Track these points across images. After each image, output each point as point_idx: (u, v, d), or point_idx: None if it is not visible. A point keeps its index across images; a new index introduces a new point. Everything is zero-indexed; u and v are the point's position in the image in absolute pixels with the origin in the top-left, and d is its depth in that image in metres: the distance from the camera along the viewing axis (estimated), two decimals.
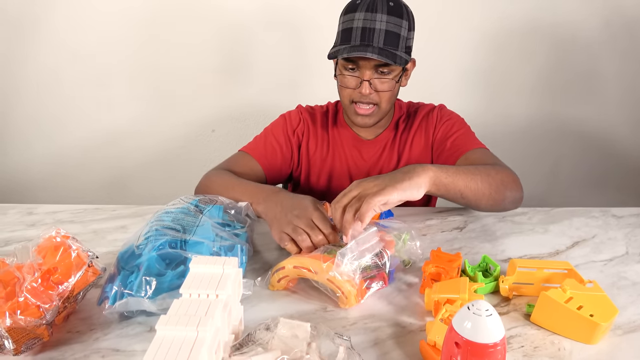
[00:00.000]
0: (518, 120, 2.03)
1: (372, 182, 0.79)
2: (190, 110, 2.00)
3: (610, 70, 1.95)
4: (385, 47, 1.01)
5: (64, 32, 1.87)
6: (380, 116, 1.12)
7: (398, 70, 1.06)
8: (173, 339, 0.49)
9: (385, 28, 1.00)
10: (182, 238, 0.76)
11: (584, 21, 1.88)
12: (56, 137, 2.01)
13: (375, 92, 1.06)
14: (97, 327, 0.69)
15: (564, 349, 0.66)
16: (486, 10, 1.87)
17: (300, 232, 0.81)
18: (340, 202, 0.78)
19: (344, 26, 1.05)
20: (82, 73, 1.92)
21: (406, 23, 1.03)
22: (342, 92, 1.11)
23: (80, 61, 1.90)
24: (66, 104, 1.97)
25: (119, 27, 1.87)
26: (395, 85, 1.08)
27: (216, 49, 1.91)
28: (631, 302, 0.76)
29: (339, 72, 1.09)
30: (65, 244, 0.69)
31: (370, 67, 1.04)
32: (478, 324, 0.48)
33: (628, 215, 1.11)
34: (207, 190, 1.04)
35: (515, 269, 0.78)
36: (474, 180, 0.89)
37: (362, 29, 1.01)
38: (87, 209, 1.10)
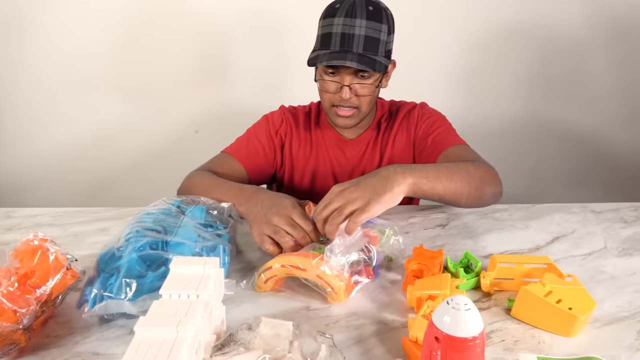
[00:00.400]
0: (501, 119, 2.06)
1: (354, 192, 0.78)
2: (173, 111, 1.99)
3: (593, 70, 1.99)
4: (365, 52, 1.00)
5: (48, 35, 1.84)
6: (361, 117, 1.13)
7: (378, 74, 1.06)
8: (152, 340, 0.48)
9: (364, 34, 1.00)
10: (163, 239, 0.76)
11: (566, 22, 1.91)
12: (38, 139, 1.99)
13: (355, 96, 1.06)
14: (77, 331, 0.68)
15: (544, 342, 0.67)
16: (470, 10, 1.89)
17: (281, 232, 0.81)
18: (322, 214, 0.78)
19: (323, 30, 1.04)
20: (65, 75, 1.89)
21: (385, 27, 1.03)
22: (323, 96, 1.11)
23: (63, 64, 1.88)
24: (48, 107, 1.94)
25: (103, 29, 1.85)
26: (375, 89, 1.08)
27: (198, 51, 1.90)
28: (609, 295, 0.78)
29: (319, 77, 1.09)
30: (43, 247, 0.68)
31: (350, 73, 1.04)
32: (457, 318, 0.48)
33: (606, 211, 1.13)
34: (189, 191, 1.04)
35: (496, 265, 0.79)
36: (453, 181, 0.89)
37: (342, 35, 1.00)
38: (67, 211, 1.08)
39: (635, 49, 1.96)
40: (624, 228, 1.04)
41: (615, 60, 1.98)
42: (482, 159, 1.05)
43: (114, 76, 1.92)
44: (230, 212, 0.93)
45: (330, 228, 0.77)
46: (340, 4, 1.02)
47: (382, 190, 0.78)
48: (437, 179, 0.87)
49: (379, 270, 0.83)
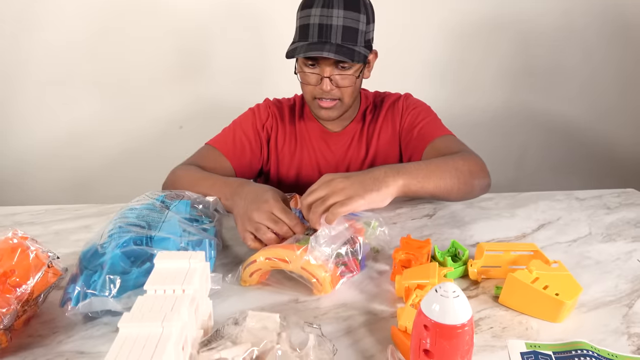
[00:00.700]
0: (485, 111, 2.07)
1: (341, 183, 0.78)
2: (156, 107, 1.97)
3: (573, 60, 2.01)
4: (343, 43, 0.99)
5: (22, 30, 1.80)
6: (344, 109, 1.12)
7: (359, 65, 1.05)
8: (137, 336, 0.47)
9: (342, 24, 0.99)
10: (147, 234, 0.74)
11: (546, 14, 1.93)
12: (17, 137, 1.94)
13: (336, 87, 1.05)
14: (61, 329, 0.67)
15: (532, 328, 0.67)
16: (453, 2, 1.89)
17: (263, 229, 0.80)
18: (306, 200, 0.79)
19: (301, 22, 1.03)
20: (42, 72, 1.86)
21: (364, 17, 1.01)
22: (304, 89, 1.10)
23: (40, 60, 1.84)
24: (28, 104, 1.90)
25: (79, 25, 1.82)
26: (356, 80, 1.07)
27: (177, 46, 1.88)
28: (594, 280, 0.79)
29: (299, 69, 1.08)
30: (23, 245, 0.66)
31: (330, 64, 1.03)
32: (446, 305, 0.48)
33: (590, 197, 1.14)
34: (174, 186, 1.02)
35: (483, 253, 0.79)
36: (442, 178, 0.90)
37: (319, 26, 0.99)
38: (49, 209, 1.06)
39: (613, 41, 1.99)
40: (608, 214, 1.05)
41: (594, 50, 2.00)
42: (469, 149, 1.05)
43: (91, 72, 1.88)
44: (215, 206, 0.92)
45: (312, 216, 0.77)
46: None
47: (369, 188, 0.79)
48: (427, 178, 0.87)
49: (366, 262, 0.83)
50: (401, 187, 0.83)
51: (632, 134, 2.13)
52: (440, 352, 0.49)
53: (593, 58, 2.01)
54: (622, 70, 2.03)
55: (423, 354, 0.50)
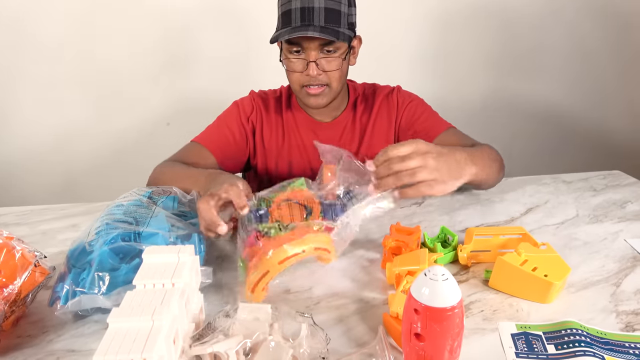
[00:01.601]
0: (471, 98, 2.08)
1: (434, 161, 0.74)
2: (142, 106, 1.94)
3: (562, 47, 2.02)
4: (327, 25, 0.99)
5: (8, 32, 1.77)
6: (333, 96, 1.11)
7: (344, 47, 1.05)
8: (127, 331, 0.47)
9: (324, 6, 0.99)
10: (135, 230, 0.73)
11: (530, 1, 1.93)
12: (1, 138, 1.91)
13: (323, 72, 1.05)
14: (50, 329, 0.66)
15: (522, 310, 0.68)
16: None
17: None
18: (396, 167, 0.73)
19: (282, 9, 1.02)
20: (24, 72, 1.82)
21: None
22: (291, 77, 1.09)
23: (26, 61, 1.81)
24: (11, 104, 1.87)
25: (66, 25, 1.79)
26: (342, 63, 1.07)
27: (163, 44, 1.86)
28: (582, 260, 0.79)
29: (284, 57, 1.07)
30: (9, 245, 0.65)
31: (314, 48, 1.02)
32: (435, 289, 0.48)
33: (577, 180, 1.15)
34: (156, 182, 1.01)
35: (472, 238, 0.80)
36: (490, 168, 0.93)
37: (301, 9, 0.99)
38: (34, 209, 1.05)
39: (601, 27, 2.00)
40: (594, 196, 1.06)
41: (577, 34, 2.01)
42: (477, 141, 1.07)
43: (78, 73, 1.85)
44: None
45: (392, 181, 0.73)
46: None
47: (454, 175, 0.77)
48: (485, 167, 0.89)
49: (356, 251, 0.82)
50: (472, 176, 0.82)
51: (621, 119, 2.16)
52: (431, 336, 0.49)
53: (582, 44, 2.02)
54: (612, 56, 2.05)
55: (414, 337, 0.51)
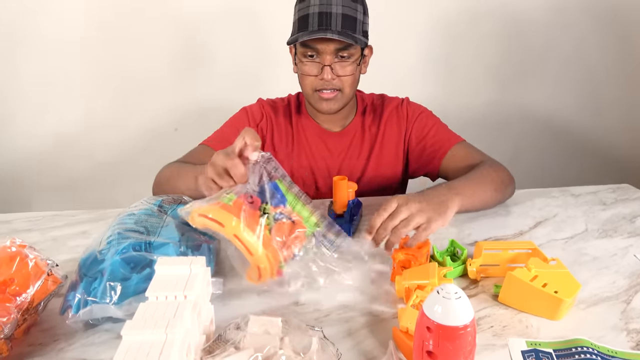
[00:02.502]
0: (477, 106, 2.08)
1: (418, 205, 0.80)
2: (150, 110, 1.96)
3: (567, 56, 2.02)
4: (343, 30, 1.01)
5: (17, 32, 1.79)
6: (344, 102, 1.12)
7: (357, 54, 1.07)
8: (140, 344, 0.47)
9: (341, 12, 1.01)
10: (146, 240, 0.74)
11: (540, 7, 1.93)
12: (8, 137, 1.93)
13: (337, 77, 1.06)
14: (61, 337, 0.67)
15: (532, 326, 0.67)
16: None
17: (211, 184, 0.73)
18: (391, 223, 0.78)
19: (300, 14, 1.04)
20: (37, 72, 1.84)
21: (361, 7, 1.05)
22: (304, 82, 1.10)
23: (35, 60, 1.82)
24: (19, 106, 1.88)
25: (77, 26, 1.81)
26: (356, 68, 1.08)
27: (173, 48, 1.87)
28: (592, 276, 0.79)
29: (298, 61, 1.08)
30: (22, 253, 0.66)
31: (330, 52, 1.04)
32: (448, 307, 0.48)
33: (585, 194, 1.15)
34: (159, 182, 1.03)
35: (482, 252, 0.80)
36: (485, 192, 1.00)
37: (319, 14, 1.01)
38: (45, 216, 1.06)
39: (608, 37, 2.00)
40: (603, 210, 1.06)
41: (588, 48, 2.01)
42: (487, 156, 1.10)
43: (89, 76, 1.87)
44: None
45: (393, 239, 0.78)
46: None
47: (443, 211, 0.82)
48: (474, 195, 0.96)
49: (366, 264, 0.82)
50: (458, 207, 0.87)
51: (627, 130, 2.15)
52: (444, 354, 0.49)
53: (588, 54, 2.02)
54: (618, 66, 2.04)
55: (426, 355, 0.51)
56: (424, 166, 1.18)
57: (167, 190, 1.00)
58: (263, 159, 0.72)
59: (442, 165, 1.14)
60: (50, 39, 1.81)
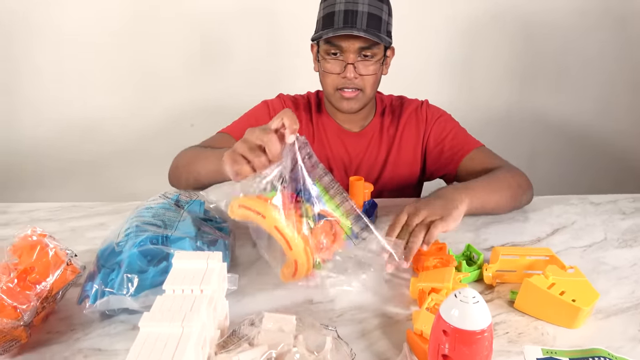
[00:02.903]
0: (494, 109, 2.06)
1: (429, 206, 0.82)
2: (167, 105, 1.98)
3: (583, 57, 1.99)
4: (368, 29, 1.01)
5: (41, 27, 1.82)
6: (365, 102, 1.11)
7: (381, 54, 1.07)
8: (157, 336, 0.48)
9: (367, 10, 1.01)
10: (163, 234, 0.75)
11: (558, 10, 1.91)
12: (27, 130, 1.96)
13: (359, 76, 1.06)
14: (78, 327, 0.68)
15: (548, 334, 0.67)
16: (462, 1, 1.88)
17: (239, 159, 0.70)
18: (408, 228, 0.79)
19: (325, 11, 1.04)
20: (60, 67, 1.88)
21: (386, 7, 1.05)
22: (325, 80, 1.10)
23: (58, 55, 1.86)
24: (39, 99, 1.92)
25: (96, 22, 1.83)
26: (378, 69, 1.08)
27: (191, 44, 1.89)
28: (611, 286, 0.78)
29: (321, 58, 1.08)
30: (42, 242, 0.67)
31: (354, 51, 1.03)
32: (465, 311, 0.48)
33: (605, 202, 1.13)
34: (177, 166, 1.03)
35: (498, 257, 0.79)
36: (498, 196, 0.99)
37: (345, 12, 1.01)
38: (64, 206, 1.07)
39: (631, 38, 1.96)
40: (623, 219, 1.04)
41: (607, 49, 1.98)
42: (505, 161, 1.10)
43: (107, 71, 1.90)
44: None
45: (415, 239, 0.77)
46: None
47: (452, 207, 0.83)
48: (486, 198, 0.95)
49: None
50: (467, 205, 0.87)
51: None
52: (460, 358, 0.49)
53: (607, 58, 1.98)
54: (638, 71, 2.01)
55: (442, 358, 0.50)
56: (441, 169, 1.17)
57: (184, 173, 1.01)
58: (299, 142, 0.70)
59: (460, 169, 1.13)
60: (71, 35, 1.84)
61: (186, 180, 1.02)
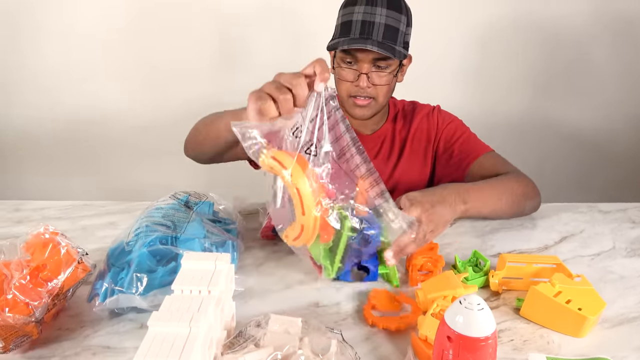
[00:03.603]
0: (505, 116, 2.05)
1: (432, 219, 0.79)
2: (185, 103, 1.99)
3: (597, 67, 1.98)
4: (384, 40, 1.01)
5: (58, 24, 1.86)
6: (377, 109, 1.13)
7: (395, 65, 1.07)
8: (165, 335, 0.48)
9: (384, 22, 1.01)
10: (172, 234, 0.76)
11: (574, 19, 1.90)
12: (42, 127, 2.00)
13: (372, 85, 1.07)
14: (87, 324, 0.69)
15: (553, 342, 0.67)
16: (476, 7, 1.89)
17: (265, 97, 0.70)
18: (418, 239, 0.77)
19: (343, 19, 1.05)
20: (75, 61, 1.91)
21: (405, 18, 1.05)
22: (339, 86, 1.11)
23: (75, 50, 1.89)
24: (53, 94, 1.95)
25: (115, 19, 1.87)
26: (392, 79, 1.08)
27: (212, 41, 1.91)
28: (618, 295, 0.78)
29: (337, 65, 1.09)
30: (54, 240, 0.68)
31: (368, 61, 1.04)
32: (470, 318, 0.48)
33: (614, 211, 1.12)
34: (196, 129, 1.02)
35: (505, 264, 0.79)
36: (499, 201, 0.99)
37: (362, 22, 1.01)
38: (75, 205, 1.09)
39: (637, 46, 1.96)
40: (632, 228, 1.03)
41: (619, 57, 1.97)
42: (514, 167, 1.09)
43: (125, 67, 1.93)
44: (237, 208, 0.93)
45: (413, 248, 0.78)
46: None
47: (447, 220, 0.84)
48: (485, 202, 0.95)
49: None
50: (463, 212, 0.88)
51: None
52: None
53: (620, 65, 1.97)
54: None
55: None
56: (451, 173, 1.18)
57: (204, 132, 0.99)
58: (327, 93, 0.68)
59: (469, 174, 1.13)
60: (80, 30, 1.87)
61: (204, 139, 1.00)
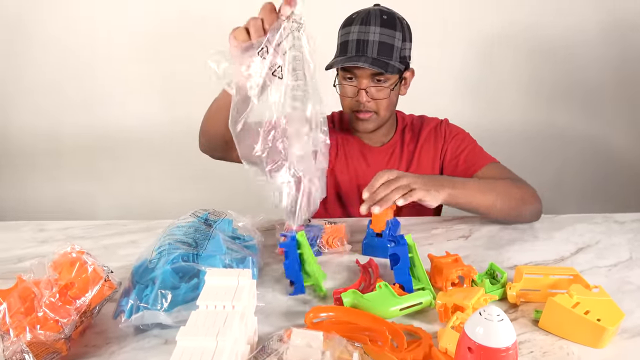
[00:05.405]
0: (517, 127, 2.06)
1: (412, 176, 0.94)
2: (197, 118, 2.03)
3: (608, 76, 1.98)
4: (379, 57, 1.07)
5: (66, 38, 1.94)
6: (380, 123, 1.17)
7: (394, 79, 1.11)
8: (193, 349, 0.50)
9: (378, 39, 1.06)
10: (194, 252, 0.78)
11: (582, 30, 1.92)
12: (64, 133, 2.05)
13: (372, 100, 1.11)
14: (113, 340, 0.70)
15: (573, 354, 0.67)
16: (482, 17, 1.91)
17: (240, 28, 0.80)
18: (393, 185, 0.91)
19: (341, 39, 1.11)
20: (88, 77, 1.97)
21: (400, 34, 1.09)
22: (343, 102, 1.18)
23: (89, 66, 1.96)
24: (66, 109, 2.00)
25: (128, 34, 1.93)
26: (391, 93, 1.12)
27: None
28: (636, 305, 0.78)
29: (339, 82, 1.16)
30: (81, 259, 0.70)
31: (366, 77, 1.09)
32: (490, 329, 0.49)
33: (630, 221, 1.12)
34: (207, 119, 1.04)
35: (522, 276, 0.79)
36: (488, 199, 1.03)
37: (357, 41, 1.07)
38: (98, 224, 1.11)
39: None
40: None
41: (630, 66, 1.97)
42: (517, 176, 1.12)
43: (138, 83, 1.99)
44: (256, 225, 0.95)
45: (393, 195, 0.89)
46: (357, 15, 1.10)
47: (431, 186, 0.94)
48: (474, 194, 1.01)
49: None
50: (450, 196, 0.96)
51: None
52: None
53: (630, 71, 1.98)
54: None
55: None
56: None
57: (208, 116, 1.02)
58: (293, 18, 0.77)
59: None
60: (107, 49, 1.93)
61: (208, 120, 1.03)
